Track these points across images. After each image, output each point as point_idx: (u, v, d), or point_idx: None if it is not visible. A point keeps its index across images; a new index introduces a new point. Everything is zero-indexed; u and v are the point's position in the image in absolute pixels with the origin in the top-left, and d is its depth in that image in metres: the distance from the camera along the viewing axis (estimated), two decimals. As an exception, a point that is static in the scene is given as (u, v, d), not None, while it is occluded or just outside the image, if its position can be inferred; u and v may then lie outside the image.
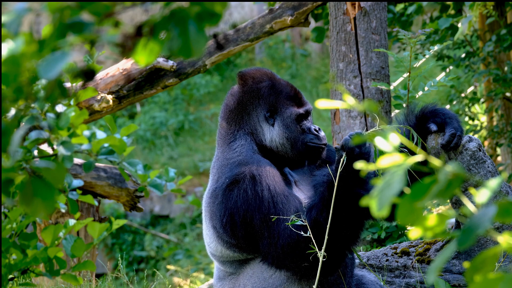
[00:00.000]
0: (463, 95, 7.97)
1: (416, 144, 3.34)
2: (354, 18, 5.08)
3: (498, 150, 7.84)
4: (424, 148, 3.47)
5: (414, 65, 4.50)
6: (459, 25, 6.89)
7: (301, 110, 3.47)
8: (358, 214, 3.09)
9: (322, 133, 3.47)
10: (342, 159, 3.08)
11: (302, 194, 3.41)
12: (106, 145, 2.03)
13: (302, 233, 3.12)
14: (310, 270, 3.22)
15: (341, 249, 3.18)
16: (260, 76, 3.52)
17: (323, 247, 3.08)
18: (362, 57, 5.05)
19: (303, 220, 3.14)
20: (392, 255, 3.93)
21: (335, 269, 3.23)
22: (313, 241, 3.11)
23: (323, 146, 3.44)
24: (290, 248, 3.18)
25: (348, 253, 3.28)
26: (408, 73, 4.48)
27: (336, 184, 3.07)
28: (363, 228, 3.19)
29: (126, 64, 5.74)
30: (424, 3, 7.39)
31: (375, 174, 3.19)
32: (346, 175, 3.07)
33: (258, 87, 3.49)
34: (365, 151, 3.09)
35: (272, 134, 3.47)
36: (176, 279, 8.86)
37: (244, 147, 3.43)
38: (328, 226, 3.07)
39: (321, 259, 3.10)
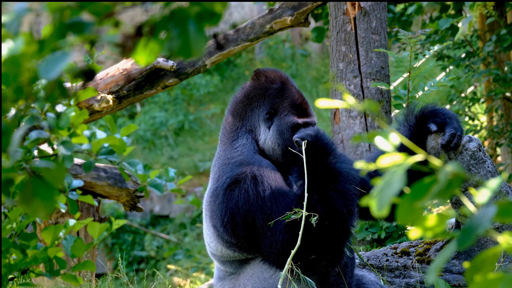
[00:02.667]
0: (463, 95, 7.97)
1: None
2: (354, 18, 5.08)
3: (498, 150, 7.84)
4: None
5: (414, 65, 4.50)
6: (459, 25, 6.89)
7: (300, 121, 3.45)
8: (338, 182, 3.18)
9: None
10: (303, 143, 3.20)
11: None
12: (106, 145, 2.03)
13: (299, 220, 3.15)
14: (310, 270, 3.22)
15: (337, 228, 3.16)
16: (274, 77, 3.53)
17: (305, 204, 3.13)
18: (362, 57, 5.05)
19: (298, 212, 3.15)
20: (392, 255, 3.92)
21: (337, 258, 3.20)
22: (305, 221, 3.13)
23: None
24: (290, 243, 3.17)
25: (346, 237, 3.24)
26: (408, 73, 4.48)
27: (305, 162, 3.16)
28: (353, 198, 3.20)
29: (126, 64, 5.74)
30: (424, 3, 7.39)
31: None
32: (312, 154, 3.19)
33: (267, 86, 3.50)
34: (320, 135, 3.23)
35: (266, 136, 3.47)
36: (176, 279, 8.86)
37: (245, 147, 3.43)
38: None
39: (304, 214, 3.12)
